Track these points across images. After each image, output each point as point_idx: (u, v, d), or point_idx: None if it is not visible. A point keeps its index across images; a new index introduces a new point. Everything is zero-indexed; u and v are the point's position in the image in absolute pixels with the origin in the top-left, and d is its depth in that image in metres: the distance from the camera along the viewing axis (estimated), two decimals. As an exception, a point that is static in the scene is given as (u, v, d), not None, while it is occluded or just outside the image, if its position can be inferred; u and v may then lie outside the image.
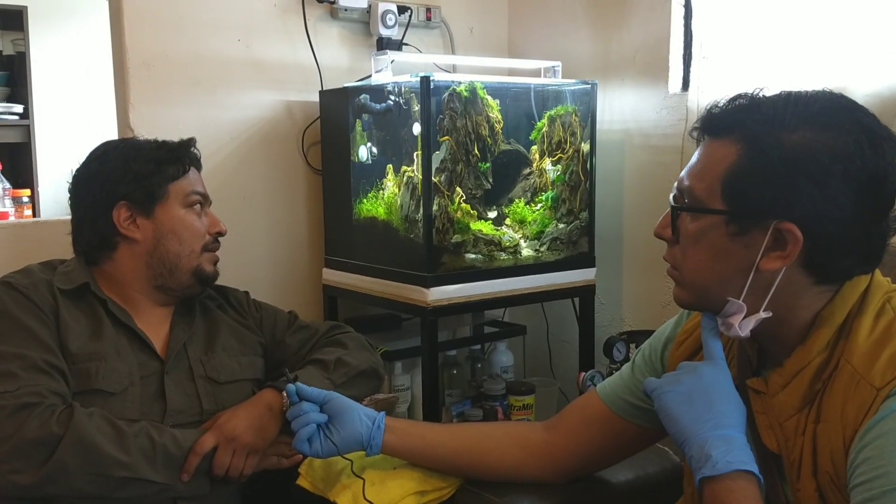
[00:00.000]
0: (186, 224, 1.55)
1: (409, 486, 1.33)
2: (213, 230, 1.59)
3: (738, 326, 1.02)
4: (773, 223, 0.96)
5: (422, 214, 1.88)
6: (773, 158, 0.95)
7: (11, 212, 3.23)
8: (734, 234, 0.99)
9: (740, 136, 0.99)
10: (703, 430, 1.00)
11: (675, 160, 2.13)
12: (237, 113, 2.16)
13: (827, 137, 0.95)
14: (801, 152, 0.94)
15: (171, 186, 1.54)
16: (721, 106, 1.03)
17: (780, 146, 0.95)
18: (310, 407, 1.32)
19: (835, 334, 1.00)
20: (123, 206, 1.52)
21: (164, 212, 1.53)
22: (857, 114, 0.98)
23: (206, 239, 1.58)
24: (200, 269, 1.56)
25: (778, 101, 0.99)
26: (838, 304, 1.00)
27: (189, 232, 1.55)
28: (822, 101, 0.99)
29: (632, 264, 2.31)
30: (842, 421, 0.95)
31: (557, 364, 2.48)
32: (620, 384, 1.28)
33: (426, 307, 1.89)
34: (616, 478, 1.38)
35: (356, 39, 2.32)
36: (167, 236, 1.53)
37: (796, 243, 0.96)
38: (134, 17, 1.98)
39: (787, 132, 0.96)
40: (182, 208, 1.55)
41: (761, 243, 0.98)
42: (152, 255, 1.53)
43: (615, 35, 2.29)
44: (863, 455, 0.91)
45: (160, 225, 1.53)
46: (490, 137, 1.98)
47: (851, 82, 1.69)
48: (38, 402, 1.29)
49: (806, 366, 1.00)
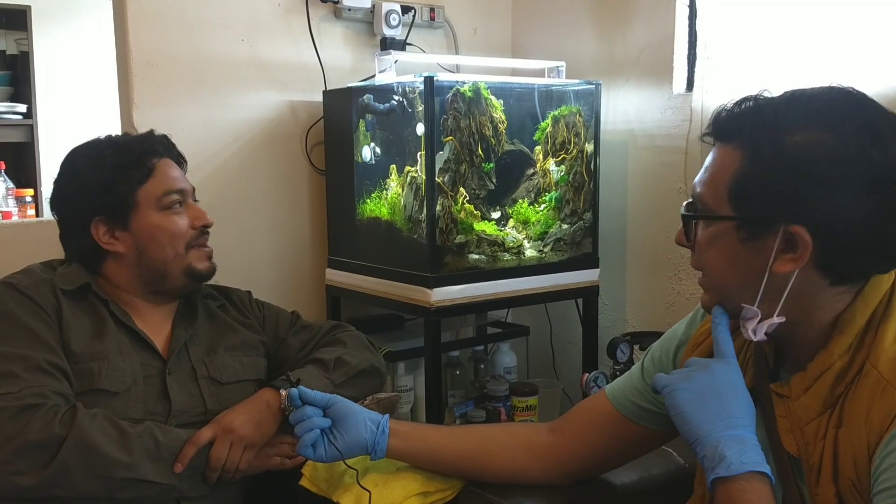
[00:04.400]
0: (164, 228, 1.49)
1: (412, 487, 1.33)
2: (197, 224, 1.53)
3: (751, 331, 1.02)
4: (781, 227, 0.96)
5: (425, 215, 1.87)
6: (774, 163, 0.95)
7: (14, 211, 3.23)
8: (745, 239, 0.99)
9: (743, 141, 0.99)
10: (715, 429, 0.99)
11: (679, 161, 2.13)
12: (241, 113, 2.15)
13: (827, 138, 0.94)
14: (802, 155, 0.94)
15: (140, 192, 1.49)
16: (728, 110, 1.02)
17: (781, 150, 0.95)
18: (313, 411, 1.32)
19: (857, 337, 0.99)
20: (99, 222, 1.48)
21: (138, 220, 1.49)
22: (859, 111, 0.97)
23: (189, 236, 1.51)
24: (191, 269, 1.52)
25: (780, 103, 0.99)
26: (860, 307, 1.00)
27: (168, 235, 1.49)
28: (823, 100, 0.98)
29: (635, 265, 2.30)
30: (866, 426, 0.95)
31: (561, 365, 2.48)
32: (629, 386, 1.28)
33: (429, 308, 1.89)
34: (621, 479, 1.38)
35: (360, 39, 2.32)
36: (148, 245, 1.49)
37: (806, 246, 0.95)
38: (137, 16, 1.98)
39: (787, 135, 0.95)
40: (157, 212, 1.49)
41: (772, 247, 0.97)
42: (139, 265, 1.51)
43: (619, 35, 2.28)
44: (888, 461, 0.91)
45: (138, 234, 1.49)
46: (494, 138, 1.97)
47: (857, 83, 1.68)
48: (41, 404, 1.28)
49: (827, 369, 1.00)
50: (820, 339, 1.02)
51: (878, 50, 1.72)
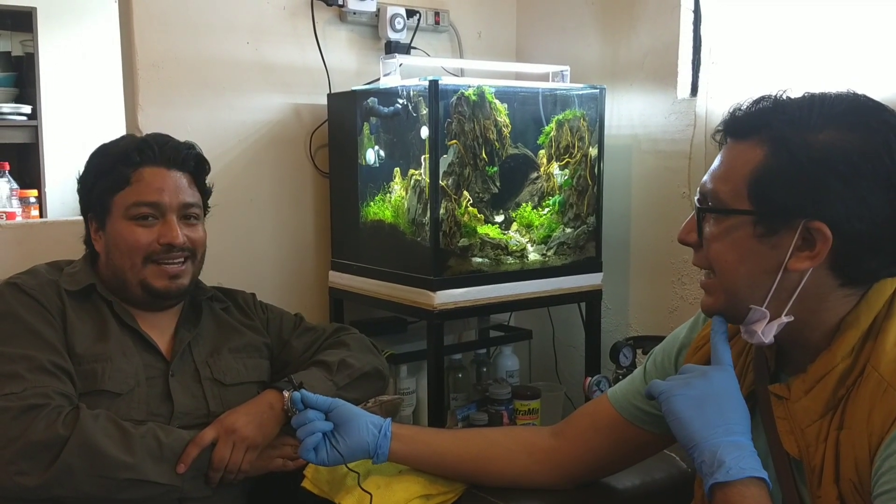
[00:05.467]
0: (124, 236, 1.47)
1: (414, 489, 1.33)
2: (162, 241, 1.47)
3: (760, 333, 1.02)
4: (801, 222, 0.96)
5: (429, 218, 1.87)
6: (801, 158, 0.96)
7: (19, 212, 3.23)
8: (761, 234, 1.00)
9: (766, 136, 0.99)
10: (714, 435, 1.00)
11: (683, 165, 2.13)
12: (245, 115, 2.16)
13: (854, 137, 0.95)
14: (830, 151, 0.95)
15: (116, 199, 1.48)
16: (745, 108, 1.03)
17: (808, 146, 0.96)
18: (315, 415, 1.32)
19: (860, 340, 0.99)
20: (92, 219, 1.53)
21: (111, 225, 1.49)
22: (883, 113, 0.98)
23: (148, 251, 1.47)
24: (146, 284, 1.48)
25: (803, 103, 1.00)
26: (864, 309, 1.00)
27: (126, 244, 1.47)
28: (847, 102, 0.99)
29: (639, 269, 2.30)
30: (868, 428, 0.95)
31: (563, 369, 2.48)
32: (631, 390, 1.28)
33: (432, 311, 1.89)
34: (623, 483, 1.38)
35: (364, 43, 2.32)
36: (112, 250, 1.49)
37: (826, 242, 0.96)
38: (143, 18, 1.98)
39: (813, 132, 0.96)
40: (124, 221, 1.48)
41: (789, 244, 0.98)
42: (107, 267, 1.52)
43: (624, 40, 2.28)
44: (889, 463, 0.91)
45: (108, 239, 1.50)
46: (498, 141, 1.97)
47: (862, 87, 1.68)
48: (45, 404, 1.29)
49: (829, 371, 1.00)
50: (823, 340, 1.02)
51: (884, 54, 1.72)
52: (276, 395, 1.44)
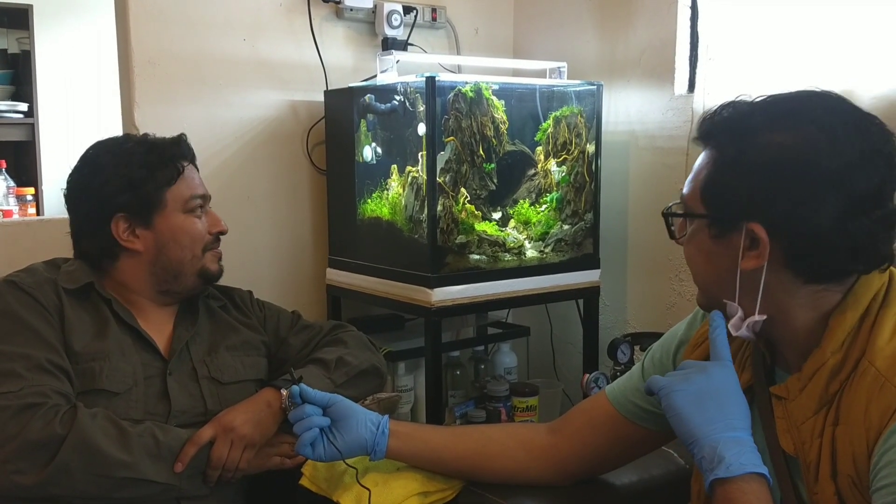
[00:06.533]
0: (187, 229, 1.52)
1: (413, 486, 1.33)
2: (214, 230, 1.57)
3: (731, 326, 1.05)
4: (744, 225, 1.00)
5: (426, 215, 1.87)
6: (734, 164, 1.00)
7: (15, 210, 3.23)
8: (716, 236, 1.04)
9: (714, 143, 1.04)
10: (714, 431, 1.00)
11: (681, 162, 2.13)
12: (242, 112, 2.15)
13: (785, 139, 0.98)
14: (760, 156, 0.98)
15: (168, 193, 1.51)
16: (709, 114, 1.07)
17: (742, 151, 1.00)
18: (312, 410, 1.32)
19: (849, 335, 1.00)
20: (121, 219, 1.49)
21: (163, 220, 1.51)
22: (824, 114, 0.99)
23: (206, 240, 1.56)
24: (205, 270, 1.55)
25: (753, 107, 1.03)
26: (851, 304, 1.01)
27: (190, 237, 1.53)
28: (791, 103, 1.02)
29: (636, 266, 2.30)
30: (865, 423, 0.95)
31: (561, 365, 2.48)
32: (629, 387, 1.28)
33: (430, 308, 1.89)
34: (620, 480, 1.38)
35: (361, 39, 2.32)
36: (168, 244, 1.51)
37: (764, 244, 0.99)
38: (139, 15, 1.98)
39: (750, 137, 1.00)
40: (182, 214, 1.52)
41: (738, 245, 1.01)
42: (155, 264, 1.51)
43: (621, 36, 2.28)
44: (887, 458, 0.92)
45: (160, 234, 1.51)
46: (495, 138, 1.97)
47: (858, 85, 1.68)
48: (42, 403, 1.28)
49: (821, 367, 1.01)
50: (811, 338, 1.03)
51: (881, 50, 1.72)
52: (274, 393, 1.44)
